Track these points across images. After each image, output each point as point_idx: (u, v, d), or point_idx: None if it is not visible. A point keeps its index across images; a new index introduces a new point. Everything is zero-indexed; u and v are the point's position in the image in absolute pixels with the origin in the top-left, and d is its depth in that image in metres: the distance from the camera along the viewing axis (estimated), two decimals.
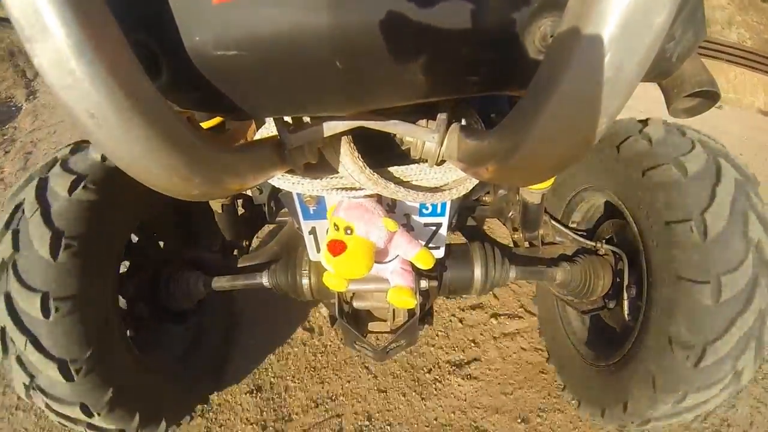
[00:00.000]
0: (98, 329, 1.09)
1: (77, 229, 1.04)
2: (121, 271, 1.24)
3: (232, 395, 1.75)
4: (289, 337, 1.97)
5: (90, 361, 1.06)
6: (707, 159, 1.07)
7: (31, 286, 0.99)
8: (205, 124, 1.02)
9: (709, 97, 0.63)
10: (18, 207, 1.05)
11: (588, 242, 1.49)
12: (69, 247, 1.02)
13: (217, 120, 1.04)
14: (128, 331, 1.27)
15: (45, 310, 0.99)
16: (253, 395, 1.74)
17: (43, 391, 1.05)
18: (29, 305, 0.99)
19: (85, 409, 1.08)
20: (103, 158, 1.13)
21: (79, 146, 1.17)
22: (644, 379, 1.14)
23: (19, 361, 1.03)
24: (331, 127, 0.71)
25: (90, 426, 1.14)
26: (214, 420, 1.66)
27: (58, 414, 1.10)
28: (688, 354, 1.03)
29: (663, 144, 1.13)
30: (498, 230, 2.50)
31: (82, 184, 1.06)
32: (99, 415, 1.10)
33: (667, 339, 1.07)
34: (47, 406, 1.08)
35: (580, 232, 1.56)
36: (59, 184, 1.05)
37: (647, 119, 1.23)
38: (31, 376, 1.04)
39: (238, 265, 1.46)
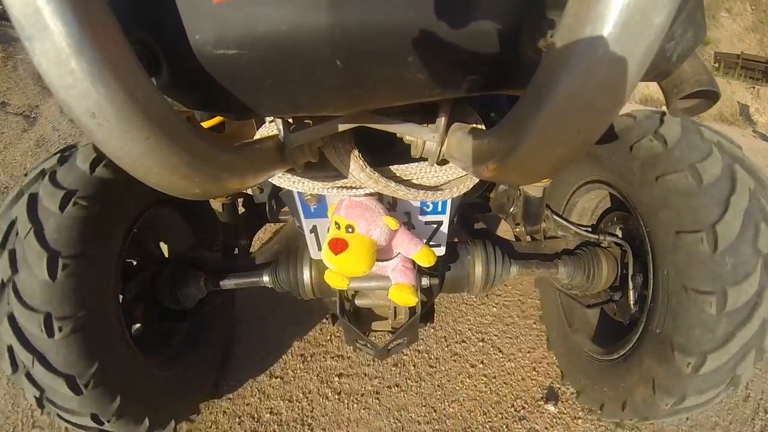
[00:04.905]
0: (102, 341, 1.09)
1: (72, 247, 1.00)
2: (122, 272, 1.22)
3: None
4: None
5: (97, 375, 1.05)
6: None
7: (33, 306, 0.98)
8: (206, 124, 1.02)
9: (708, 96, 0.62)
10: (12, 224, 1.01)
11: (591, 235, 1.47)
12: (66, 267, 0.99)
13: (217, 120, 1.04)
14: (130, 333, 1.26)
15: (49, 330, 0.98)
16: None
17: (53, 404, 1.07)
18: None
19: (96, 419, 1.10)
20: (92, 170, 1.05)
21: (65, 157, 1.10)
22: (645, 380, 1.14)
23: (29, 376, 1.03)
24: (331, 127, 0.71)
25: None
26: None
27: (69, 423, 1.12)
28: (689, 360, 1.02)
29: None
30: (500, 225, 2.50)
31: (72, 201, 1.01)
32: (108, 422, 1.12)
33: (669, 345, 1.06)
34: (59, 416, 1.10)
35: (583, 226, 1.55)
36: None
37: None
38: (42, 390, 1.05)
39: (239, 264, 1.46)
